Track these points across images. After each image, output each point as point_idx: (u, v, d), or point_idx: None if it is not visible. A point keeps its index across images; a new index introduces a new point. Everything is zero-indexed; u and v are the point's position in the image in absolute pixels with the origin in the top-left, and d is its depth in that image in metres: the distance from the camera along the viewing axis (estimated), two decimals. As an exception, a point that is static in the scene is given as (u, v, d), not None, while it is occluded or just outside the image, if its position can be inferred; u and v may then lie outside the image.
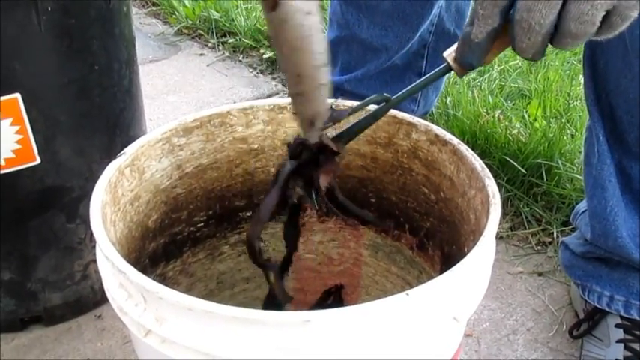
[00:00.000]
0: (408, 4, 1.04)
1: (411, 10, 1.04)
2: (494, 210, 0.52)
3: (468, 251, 0.48)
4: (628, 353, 0.82)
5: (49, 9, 0.72)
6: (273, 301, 0.59)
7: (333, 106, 0.54)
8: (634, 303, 0.83)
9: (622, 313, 0.84)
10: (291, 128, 0.70)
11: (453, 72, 0.55)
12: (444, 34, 1.13)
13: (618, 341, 0.83)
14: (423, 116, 1.28)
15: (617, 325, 0.85)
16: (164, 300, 0.43)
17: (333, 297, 0.74)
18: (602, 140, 0.78)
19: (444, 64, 0.55)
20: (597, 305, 0.86)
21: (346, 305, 0.42)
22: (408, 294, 0.43)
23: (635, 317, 0.83)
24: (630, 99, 0.74)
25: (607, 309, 0.85)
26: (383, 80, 1.14)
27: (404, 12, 1.05)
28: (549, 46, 0.50)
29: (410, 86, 0.57)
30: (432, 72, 0.56)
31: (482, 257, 0.49)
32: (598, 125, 0.78)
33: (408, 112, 0.65)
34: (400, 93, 0.57)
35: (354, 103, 0.58)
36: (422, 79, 0.56)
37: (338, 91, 1.16)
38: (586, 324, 0.89)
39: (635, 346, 0.82)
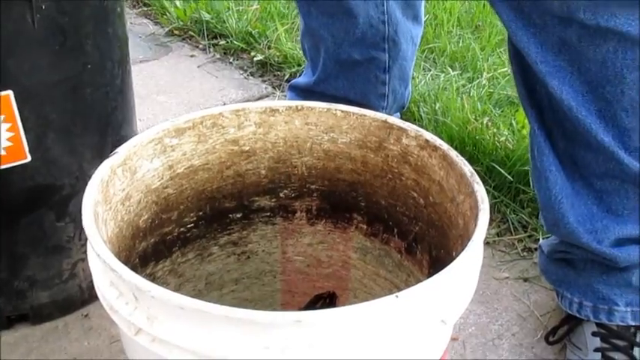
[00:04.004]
0: None
1: None
2: (482, 215, 0.53)
3: (456, 256, 0.48)
4: None
5: (44, 7, 0.72)
6: None
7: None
8: (602, 308, 0.84)
9: (592, 319, 0.85)
10: (282, 131, 0.71)
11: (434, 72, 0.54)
12: (399, 24, 1.11)
13: (596, 350, 0.84)
14: (401, 111, 1.29)
15: (593, 334, 0.85)
16: (156, 299, 0.44)
17: (322, 302, 0.75)
18: (537, 132, 0.79)
19: None
20: (569, 311, 0.87)
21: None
22: (397, 296, 0.44)
23: (605, 322, 0.84)
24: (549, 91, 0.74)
25: (578, 315, 0.86)
26: (350, 80, 1.14)
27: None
28: None
29: None
30: None
31: (470, 261, 0.50)
32: (532, 119, 0.79)
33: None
34: None
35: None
36: None
37: (312, 94, 1.17)
38: (563, 330, 0.89)
39: (613, 354, 0.83)
